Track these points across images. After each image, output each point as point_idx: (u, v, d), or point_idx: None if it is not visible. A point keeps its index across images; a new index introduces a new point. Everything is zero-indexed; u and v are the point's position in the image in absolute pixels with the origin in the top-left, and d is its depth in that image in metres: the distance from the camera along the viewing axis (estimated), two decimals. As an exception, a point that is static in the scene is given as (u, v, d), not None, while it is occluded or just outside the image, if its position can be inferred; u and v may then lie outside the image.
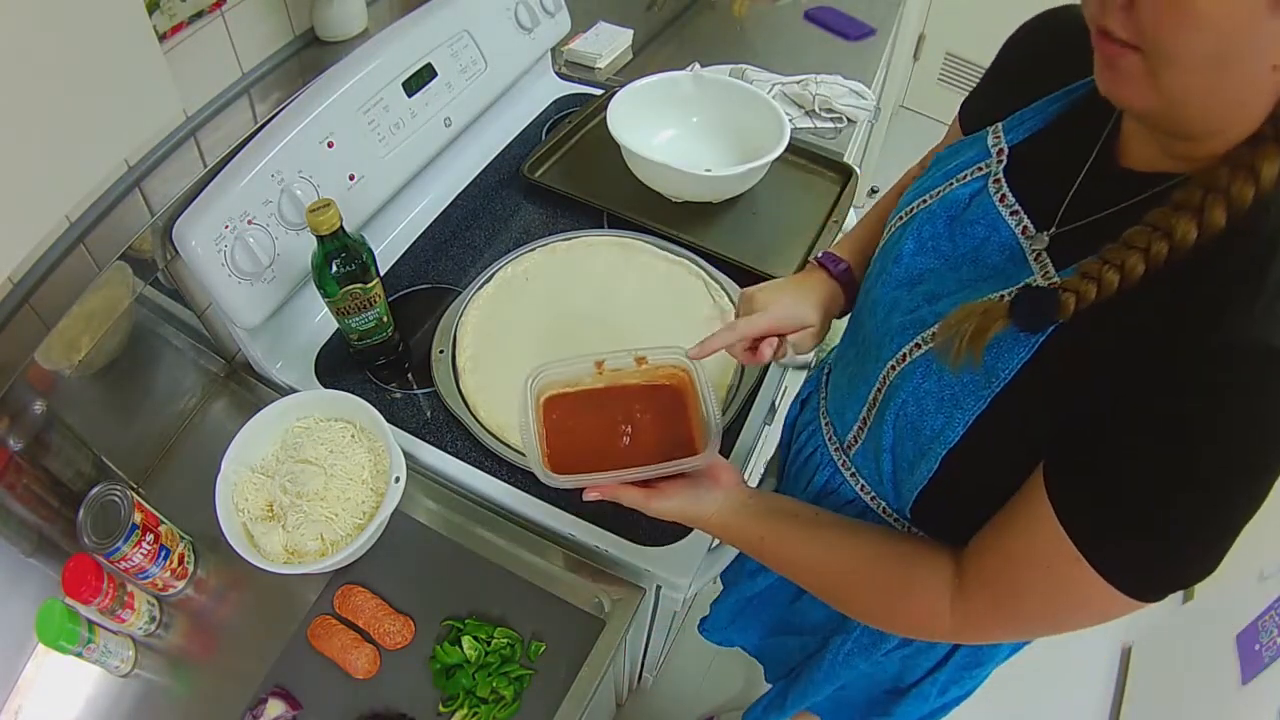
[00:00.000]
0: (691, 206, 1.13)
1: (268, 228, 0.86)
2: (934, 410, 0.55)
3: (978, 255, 0.58)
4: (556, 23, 1.26)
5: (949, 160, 0.64)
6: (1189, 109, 0.43)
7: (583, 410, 0.72)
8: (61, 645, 0.69)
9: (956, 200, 0.60)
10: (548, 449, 0.69)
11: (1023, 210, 0.56)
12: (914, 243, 0.62)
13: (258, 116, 0.94)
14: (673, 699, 1.60)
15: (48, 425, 0.78)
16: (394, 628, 0.77)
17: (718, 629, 0.95)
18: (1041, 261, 0.53)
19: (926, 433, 0.56)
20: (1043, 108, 0.59)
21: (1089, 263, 0.47)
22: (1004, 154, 0.59)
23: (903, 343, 0.59)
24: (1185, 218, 0.43)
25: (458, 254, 1.10)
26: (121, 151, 0.79)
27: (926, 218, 0.62)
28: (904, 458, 0.59)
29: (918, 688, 0.79)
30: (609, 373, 0.73)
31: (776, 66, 1.39)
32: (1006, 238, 0.56)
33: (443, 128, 1.07)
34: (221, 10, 0.88)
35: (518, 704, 0.74)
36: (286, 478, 0.78)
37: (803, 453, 0.78)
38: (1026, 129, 0.59)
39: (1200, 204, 0.43)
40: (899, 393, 0.58)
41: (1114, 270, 0.45)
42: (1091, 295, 0.46)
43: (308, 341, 0.99)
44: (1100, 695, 1.61)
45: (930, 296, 0.59)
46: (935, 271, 0.60)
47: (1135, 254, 0.45)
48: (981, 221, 0.58)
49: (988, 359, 0.51)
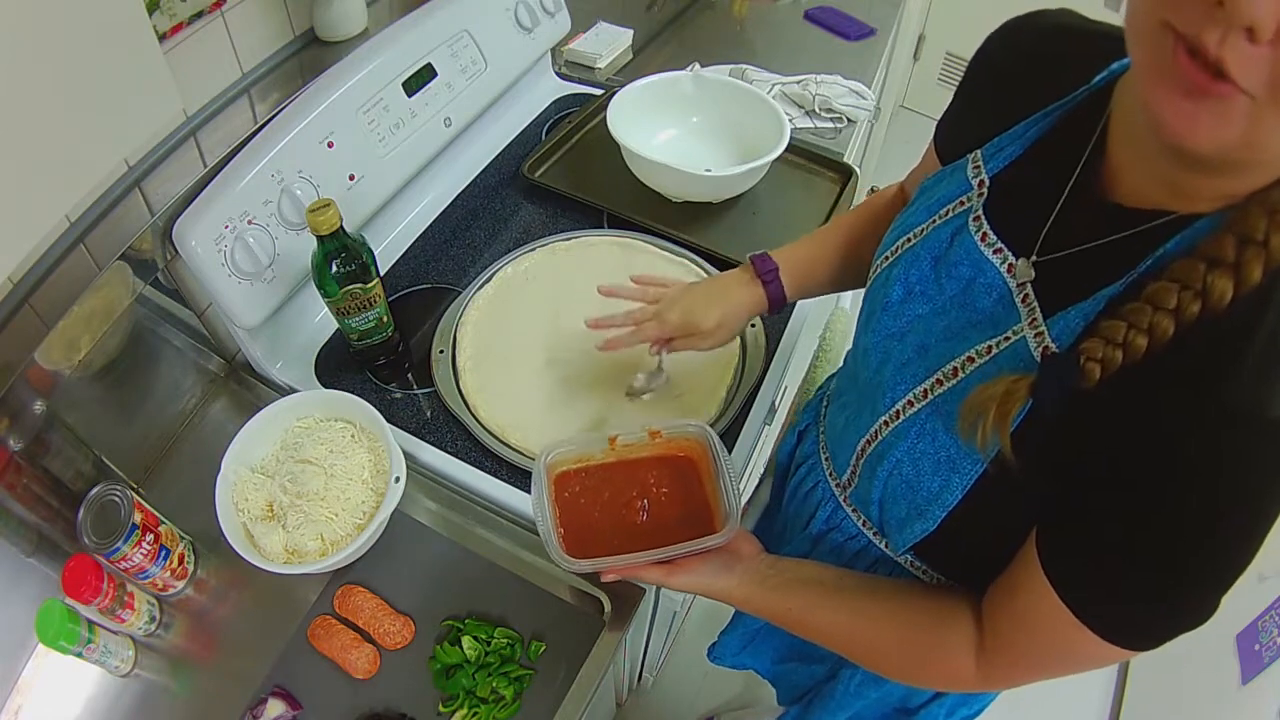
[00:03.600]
0: (691, 206, 1.13)
1: (268, 228, 0.86)
2: (930, 472, 0.54)
3: (965, 298, 0.55)
4: (556, 23, 1.26)
5: (931, 193, 0.62)
6: (1266, 155, 0.38)
7: (597, 486, 0.71)
8: (61, 645, 0.69)
9: (939, 240, 0.58)
10: (562, 529, 0.68)
11: (1005, 247, 0.53)
12: (901, 288, 0.60)
13: (258, 116, 0.94)
14: (673, 699, 1.60)
15: (48, 425, 0.78)
16: (394, 628, 0.77)
17: (728, 656, 0.94)
18: (1029, 304, 0.50)
19: (923, 494, 0.55)
20: (1020, 132, 0.56)
21: (1110, 325, 0.43)
22: (984, 185, 0.56)
23: (896, 398, 0.58)
24: (1222, 274, 0.39)
25: (458, 254, 1.10)
26: (121, 151, 0.79)
27: (912, 260, 0.60)
28: (894, 514, 0.59)
29: (926, 709, 0.78)
30: (621, 447, 0.72)
31: (776, 66, 1.39)
32: (993, 278, 0.54)
33: (443, 128, 1.07)
34: (221, 10, 0.88)
35: (518, 704, 0.74)
36: (286, 478, 0.78)
37: (803, 487, 0.77)
38: (1005, 156, 0.56)
39: (1236, 258, 0.39)
40: (893, 450, 0.57)
41: (1142, 334, 0.42)
42: (1118, 362, 0.43)
43: (308, 341, 0.99)
44: (1100, 695, 1.61)
45: (921, 348, 0.57)
46: (924, 319, 0.58)
47: (1164, 315, 0.41)
48: (965, 262, 0.56)
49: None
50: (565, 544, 0.66)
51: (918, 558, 0.63)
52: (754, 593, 0.65)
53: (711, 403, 0.90)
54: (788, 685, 0.95)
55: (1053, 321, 0.48)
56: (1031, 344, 0.49)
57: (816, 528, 0.74)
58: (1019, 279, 0.52)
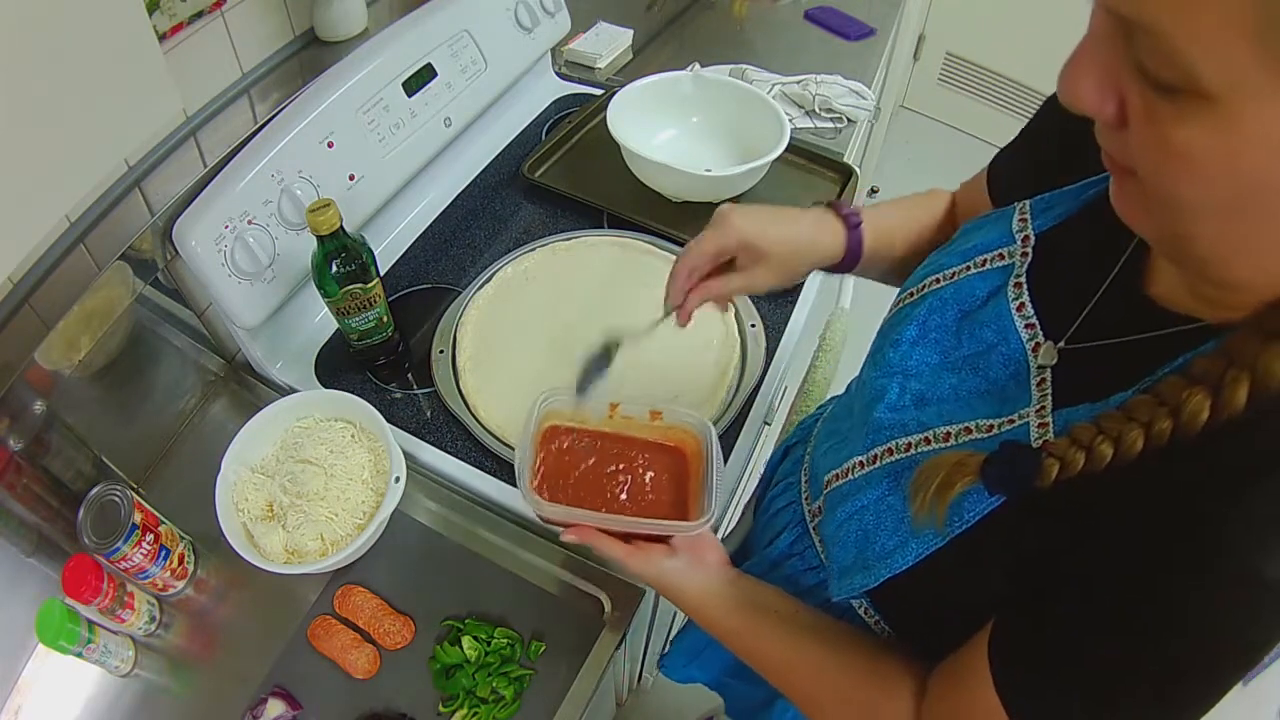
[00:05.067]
0: (691, 206, 1.13)
1: (268, 228, 0.86)
2: (891, 530, 0.51)
3: (980, 362, 0.52)
4: (556, 23, 1.26)
5: (970, 237, 0.58)
6: (1199, 251, 0.36)
7: (586, 449, 0.70)
8: (61, 645, 0.69)
9: (972, 294, 0.54)
10: (542, 469, 0.67)
11: (1039, 324, 0.50)
12: (917, 329, 0.56)
13: (258, 116, 0.94)
14: (673, 699, 1.59)
15: (48, 425, 0.78)
16: (394, 628, 0.77)
17: (676, 667, 0.91)
18: (1044, 389, 0.47)
19: (875, 549, 0.51)
20: (1077, 192, 0.51)
21: (1082, 427, 0.41)
22: (1030, 242, 0.52)
23: (878, 441, 0.54)
24: (1199, 394, 0.36)
25: (458, 254, 1.10)
26: (121, 151, 0.79)
27: (937, 304, 0.56)
28: (838, 559, 0.56)
29: None
30: (620, 419, 0.71)
31: (776, 66, 1.39)
32: (1015, 350, 0.50)
33: (443, 128, 1.07)
34: (221, 10, 0.88)
35: (518, 704, 0.74)
36: (286, 478, 0.78)
37: (774, 505, 0.75)
38: (1056, 214, 0.52)
39: (1220, 379, 0.35)
40: (862, 495, 0.54)
41: (1109, 443, 0.39)
42: (1078, 467, 0.40)
43: (308, 341, 0.99)
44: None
45: (919, 399, 0.54)
46: (932, 369, 0.55)
47: (1135, 428, 0.38)
48: (993, 325, 0.52)
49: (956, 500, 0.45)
50: (537, 487, 0.65)
51: (872, 605, 0.61)
52: (708, 602, 0.63)
53: (711, 403, 0.90)
54: (733, 699, 0.93)
55: (1060, 414, 0.45)
56: (1034, 433, 0.46)
57: (778, 550, 0.72)
58: (1041, 361, 0.49)
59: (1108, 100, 0.34)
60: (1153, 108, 0.32)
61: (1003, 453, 0.44)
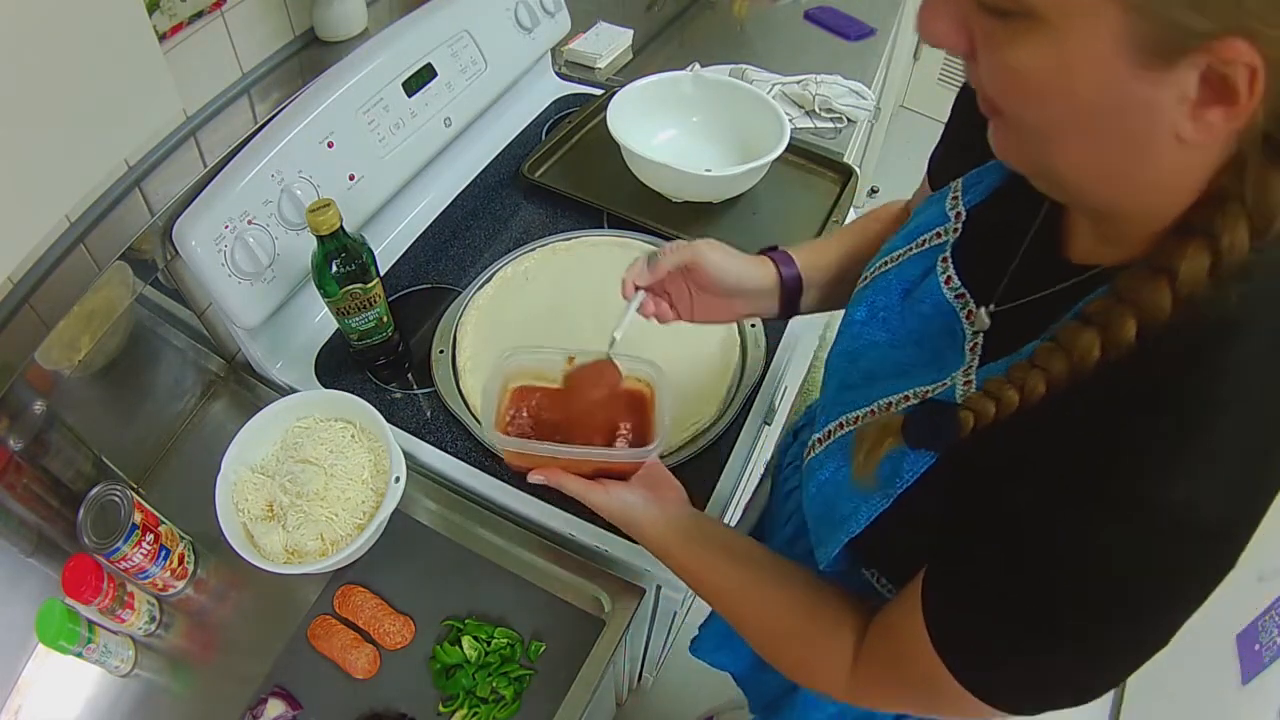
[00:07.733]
0: (691, 206, 1.13)
1: (268, 228, 0.86)
2: (847, 496, 0.53)
3: (922, 336, 0.55)
4: (556, 23, 1.26)
5: (916, 218, 0.61)
6: (1067, 180, 0.39)
7: (548, 404, 0.74)
8: (61, 645, 0.69)
9: (912, 273, 0.57)
10: (510, 413, 0.72)
11: (967, 292, 0.52)
12: (866, 310, 0.59)
13: (258, 116, 0.94)
14: (673, 699, 1.60)
15: (48, 425, 0.78)
16: (394, 628, 0.77)
17: (706, 651, 0.94)
18: (976, 353, 0.49)
19: (835, 516, 0.54)
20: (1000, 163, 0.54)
21: (993, 379, 0.43)
22: (961, 217, 0.55)
23: (831, 417, 0.57)
24: (1089, 333, 0.38)
25: (458, 254, 1.10)
26: (121, 151, 0.79)
27: (883, 285, 0.59)
28: (815, 532, 0.58)
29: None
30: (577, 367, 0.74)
31: (776, 66, 1.39)
32: (950, 320, 0.53)
33: (443, 128, 1.07)
34: (221, 10, 0.88)
35: (518, 704, 0.74)
36: (286, 478, 0.78)
37: (787, 485, 0.77)
38: (985, 187, 0.55)
39: (1108, 318, 0.38)
40: (824, 468, 0.57)
41: (1013, 390, 0.41)
42: (990, 414, 0.42)
43: (308, 341, 0.99)
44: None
45: (868, 376, 0.57)
46: (879, 347, 0.58)
47: (1036, 373, 0.40)
48: (929, 300, 0.55)
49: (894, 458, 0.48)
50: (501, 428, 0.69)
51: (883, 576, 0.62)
52: (665, 535, 0.66)
53: (711, 403, 0.90)
54: (757, 692, 0.95)
55: (981, 371, 0.47)
56: (959, 391, 0.48)
57: (791, 529, 0.73)
58: (976, 327, 0.50)
59: (960, 34, 0.37)
60: (990, 33, 0.35)
61: (920, 411, 0.47)
